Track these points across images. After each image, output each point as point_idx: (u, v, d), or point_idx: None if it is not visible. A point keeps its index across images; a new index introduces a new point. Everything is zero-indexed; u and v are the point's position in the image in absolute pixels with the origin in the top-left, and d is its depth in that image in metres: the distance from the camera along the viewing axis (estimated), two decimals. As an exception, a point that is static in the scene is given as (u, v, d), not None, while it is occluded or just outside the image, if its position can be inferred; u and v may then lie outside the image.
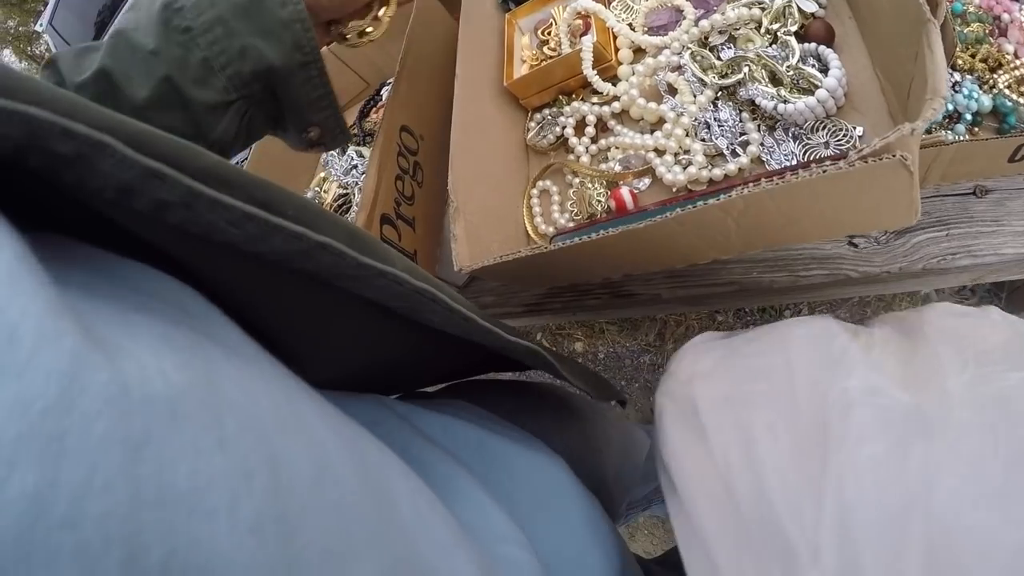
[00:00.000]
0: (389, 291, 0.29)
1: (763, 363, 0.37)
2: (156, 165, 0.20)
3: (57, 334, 0.14)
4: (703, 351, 0.40)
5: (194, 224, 0.22)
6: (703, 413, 0.36)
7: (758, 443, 0.33)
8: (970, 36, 0.60)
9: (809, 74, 0.47)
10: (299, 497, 0.19)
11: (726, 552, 0.32)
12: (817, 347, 0.36)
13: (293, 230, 0.24)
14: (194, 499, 0.15)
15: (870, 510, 0.28)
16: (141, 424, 0.15)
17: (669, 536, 1.09)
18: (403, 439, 0.34)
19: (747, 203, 0.38)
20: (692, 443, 0.36)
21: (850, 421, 0.31)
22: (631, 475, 0.67)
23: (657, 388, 0.41)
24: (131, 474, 0.14)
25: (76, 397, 0.14)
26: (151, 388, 0.16)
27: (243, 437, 0.18)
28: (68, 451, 0.13)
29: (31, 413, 0.13)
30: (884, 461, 0.29)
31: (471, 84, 0.57)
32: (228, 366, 0.20)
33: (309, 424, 0.22)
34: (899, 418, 0.31)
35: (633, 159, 0.52)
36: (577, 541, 0.39)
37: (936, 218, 0.58)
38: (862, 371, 0.33)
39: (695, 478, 0.35)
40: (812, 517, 0.29)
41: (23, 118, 0.17)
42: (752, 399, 0.35)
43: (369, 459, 0.25)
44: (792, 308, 1.00)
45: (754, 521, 0.31)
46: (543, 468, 0.41)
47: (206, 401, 0.17)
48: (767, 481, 0.31)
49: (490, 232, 0.54)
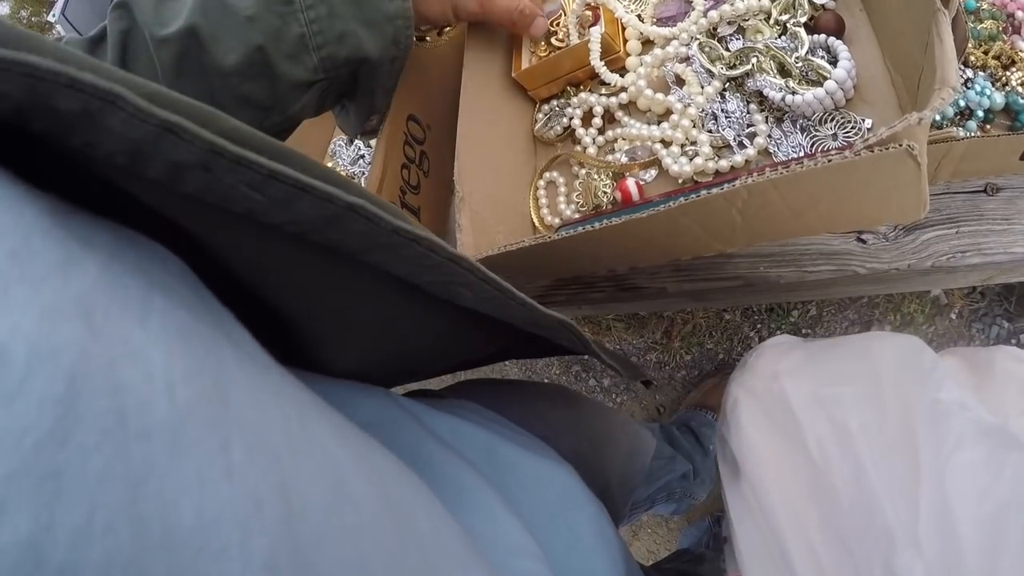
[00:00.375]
0: (421, 262, 0.26)
1: (847, 368, 0.39)
2: (172, 117, 0.18)
3: (52, 352, 0.13)
4: (784, 350, 0.43)
5: (212, 191, 0.20)
6: (795, 407, 0.38)
7: (854, 437, 0.35)
8: (983, 33, 0.59)
9: (818, 65, 0.46)
10: (313, 524, 0.17)
11: (799, 540, 0.34)
12: (904, 359, 0.38)
13: (322, 190, 0.21)
14: (202, 537, 0.14)
15: (970, 506, 0.30)
16: (142, 456, 0.14)
17: (672, 535, 1.09)
18: (414, 440, 0.33)
19: (751, 193, 0.38)
20: (774, 434, 0.39)
21: (946, 428, 0.33)
22: (636, 477, 0.67)
23: (731, 381, 0.43)
24: (133, 513, 0.13)
25: (72, 427, 0.13)
26: (153, 413, 0.14)
27: (252, 462, 0.16)
28: (64, 490, 0.12)
29: (23, 448, 0.12)
30: (982, 466, 0.31)
31: (479, 74, 0.57)
32: (240, 373, 0.18)
33: (321, 439, 0.21)
34: (992, 431, 0.33)
35: (640, 150, 0.52)
36: (584, 551, 0.39)
37: (946, 215, 0.57)
38: (952, 386, 0.36)
39: (772, 467, 0.37)
40: (909, 510, 0.31)
41: (24, 68, 0.15)
42: (841, 399, 0.37)
43: (384, 473, 0.24)
44: (800, 309, 0.99)
45: (854, 510, 0.33)
46: (552, 475, 0.41)
47: (213, 421, 0.16)
48: (867, 472, 0.33)
49: (496, 222, 0.53)
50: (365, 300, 0.30)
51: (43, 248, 0.14)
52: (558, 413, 0.55)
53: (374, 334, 0.33)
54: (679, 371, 1.06)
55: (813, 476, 0.35)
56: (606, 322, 1.08)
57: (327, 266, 0.26)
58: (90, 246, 0.16)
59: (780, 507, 0.35)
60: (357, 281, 0.28)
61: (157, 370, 0.15)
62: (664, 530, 1.09)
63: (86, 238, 0.17)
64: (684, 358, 1.06)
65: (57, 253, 0.15)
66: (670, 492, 0.97)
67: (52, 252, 0.15)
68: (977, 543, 0.29)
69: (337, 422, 0.23)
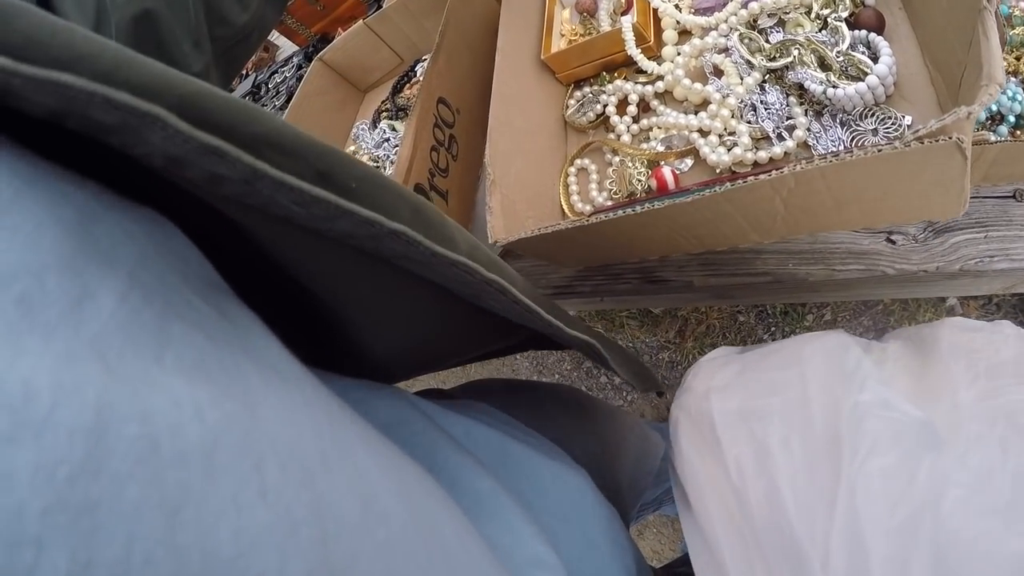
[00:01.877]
0: (457, 280, 0.27)
1: (778, 377, 0.38)
2: (214, 142, 0.17)
3: (76, 386, 0.12)
4: (719, 365, 0.41)
5: (251, 198, 0.20)
6: (718, 426, 0.37)
7: (772, 454, 0.33)
8: (1015, 39, 0.59)
9: (859, 60, 0.46)
10: (348, 542, 0.17)
11: (737, 563, 0.33)
12: (831, 361, 0.37)
13: (364, 216, 0.21)
14: (241, 565, 0.14)
15: (880, 518, 0.29)
16: (176, 483, 0.13)
17: (678, 535, 1.08)
18: (430, 443, 0.33)
19: (798, 181, 0.38)
20: (706, 456, 0.37)
21: (862, 433, 0.32)
22: (645, 480, 0.66)
23: (673, 402, 0.42)
24: (172, 544, 0.12)
25: (104, 458, 0.12)
26: (184, 438, 0.14)
27: (286, 482, 0.16)
28: (101, 524, 0.11)
29: (56, 481, 0.11)
30: (894, 472, 0.30)
31: (512, 58, 0.57)
32: (268, 389, 0.18)
33: (352, 451, 0.20)
34: (909, 431, 0.31)
35: (676, 139, 0.52)
36: (598, 556, 0.38)
37: (975, 219, 0.57)
38: (874, 385, 0.34)
39: (708, 490, 0.36)
40: (823, 525, 0.30)
41: (56, 87, 0.14)
42: (766, 412, 0.36)
43: (410, 484, 0.23)
44: (815, 313, 0.99)
45: (767, 529, 0.32)
46: (565, 479, 0.40)
47: (244, 442, 0.15)
48: (781, 490, 0.32)
49: (525, 207, 0.53)
50: (393, 295, 0.30)
51: (56, 288, 0.14)
52: (570, 416, 0.55)
53: (400, 325, 0.34)
54: (690, 371, 1.04)
55: (736, 498, 0.34)
56: (620, 319, 1.07)
57: (359, 261, 0.26)
58: (111, 266, 0.16)
59: (720, 532, 0.35)
60: (387, 278, 0.28)
61: (183, 396, 0.15)
62: (669, 530, 1.09)
63: (110, 253, 0.16)
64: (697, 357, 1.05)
65: (71, 290, 0.14)
66: (678, 492, 0.96)
67: (65, 290, 0.14)
68: (886, 556, 0.28)
69: (364, 432, 0.23)
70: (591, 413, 0.59)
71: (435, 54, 0.61)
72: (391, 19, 0.84)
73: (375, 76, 0.92)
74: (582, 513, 0.39)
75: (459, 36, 0.65)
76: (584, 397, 0.62)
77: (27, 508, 0.11)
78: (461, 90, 0.65)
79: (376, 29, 0.84)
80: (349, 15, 1.09)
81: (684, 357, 1.06)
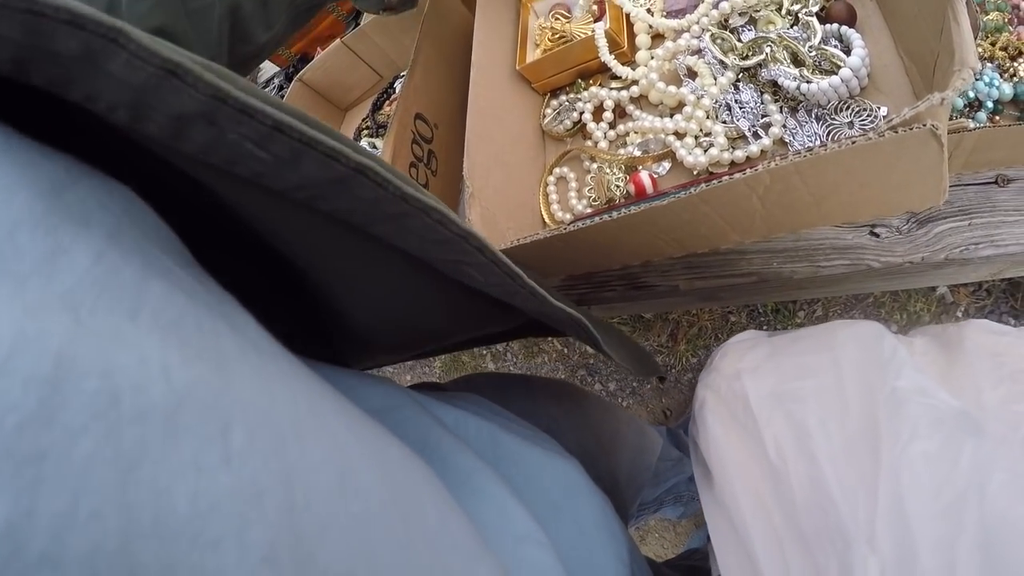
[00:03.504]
0: (429, 235, 0.25)
1: (811, 361, 0.38)
2: (175, 57, 0.17)
3: (39, 334, 0.12)
4: (748, 347, 0.42)
5: (216, 150, 0.19)
6: (754, 406, 0.37)
7: (812, 436, 0.34)
8: (990, 25, 0.60)
9: (832, 54, 0.46)
10: (318, 513, 0.17)
11: (767, 542, 0.34)
12: (865, 347, 0.37)
13: (329, 145, 0.20)
14: (196, 527, 0.13)
15: (925, 501, 0.29)
16: (133, 440, 0.13)
17: (680, 539, 1.07)
18: (422, 427, 0.32)
19: (773, 178, 0.37)
20: (737, 435, 0.38)
21: (902, 418, 0.32)
22: (643, 475, 0.66)
23: (699, 382, 0.42)
24: (122, 501, 0.12)
25: (58, 409, 0.12)
26: (147, 395, 0.14)
27: (254, 448, 0.15)
28: (47, 475, 0.11)
29: (4, 428, 0.11)
30: (937, 457, 0.30)
31: (488, 71, 0.57)
32: (242, 357, 0.18)
33: (329, 424, 0.20)
34: (949, 417, 0.32)
35: (652, 143, 0.52)
36: (590, 544, 0.38)
37: (958, 207, 0.57)
38: (910, 372, 0.34)
39: (736, 468, 0.36)
40: (867, 507, 0.30)
41: (22, 3, 0.14)
42: (802, 395, 0.36)
43: (392, 462, 0.23)
44: (806, 309, 0.99)
45: (809, 508, 0.32)
46: (557, 468, 0.40)
47: (212, 405, 0.15)
48: (824, 471, 0.32)
49: (506, 218, 0.53)
50: (374, 270, 0.29)
51: (29, 243, 0.14)
52: (563, 408, 0.55)
53: (384, 298, 0.32)
54: (685, 374, 1.05)
55: (772, 477, 0.34)
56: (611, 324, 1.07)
57: (335, 232, 0.25)
58: (86, 228, 0.16)
59: (747, 510, 0.35)
60: (365, 252, 0.27)
61: (152, 354, 0.14)
62: (672, 534, 1.08)
63: (84, 217, 0.16)
64: (690, 360, 1.05)
65: (44, 246, 0.14)
66: (677, 495, 0.96)
67: (38, 246, 0.14)
68: (933, 538, 0.28)
69: (346, 408, 0.22)
70: (583, 405, 0.59)
71: (411, 70, 0.61)
72: (368, 36, 0.84)
73: (355, 94, 0.92)
74: (573, 501, 0.39)
75: (435, 50, 0.65)
76: (576, 390, 0.62)
77: None
78: (439, 104, 0.65)
79: (354, 47, 0.84)
80: (328, 34, 1.09)
81: (678, 360, 1.06)
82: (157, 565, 0.12)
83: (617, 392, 1.12)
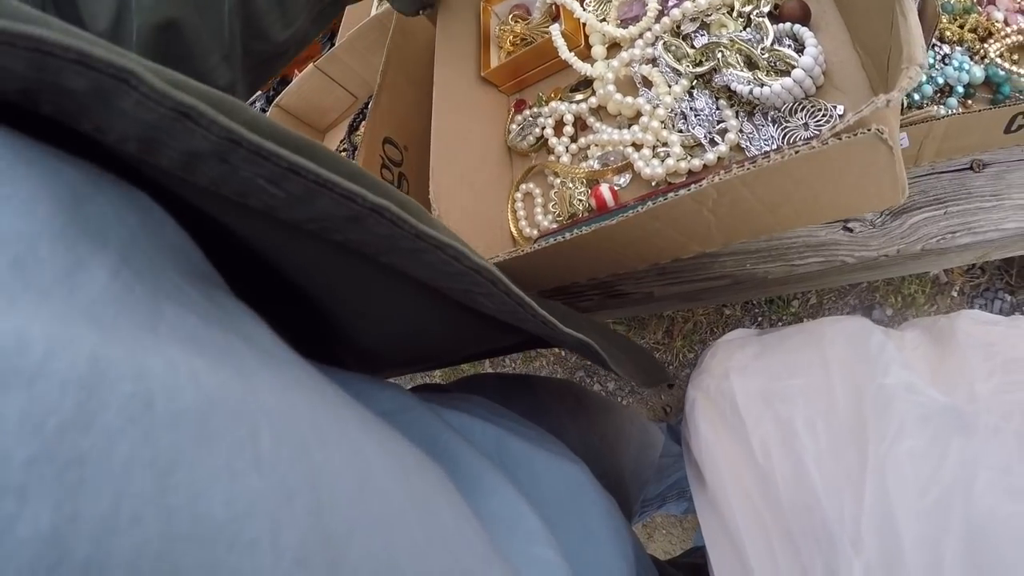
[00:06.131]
0: (442, 269, 0.25)
1: (799, 359, 0.38)
2: (188, 100, 0.17)
3: (72, 339, 0.12)
4: (737, 347, 0.42)
5: (228, 184, 0.19)
6: (741, 407, 0.37)
7: (798, 435, 0.34)
8: (957, 6, 0.58)
9: (785, 55, 0.46)
10: (343, 515, 0.17)
11: (757, 543, 0.34)
12: (853, 344, 0.37)
13: (344, 187, 0.20)
14: (233, 530, 0.13)
15: (911, 500, 0.29)
16: (169, 444, 0.13)
17: (687, 535, 1.07)
18: (432, 429, 0.32)
19: (720, 192, 0.37)
20: (727, 436, 0.38)
21: (889, 416, 0.32)
22: (647, 471, 0.66)
23: (689, 382, 0.42)
24: (161, 504, 0.12)
25: (96, 412, 0.12)
26: (180, 400, 0.14)
27: (281, 452, 0.16)
28: (89, 479, 0.11)
29: (45, 431, 0.11)
30: (923, 454, 0.30)
31: (452, 81, 0.56)
32: (261, 366, 0.18)
33: (348, 428, 0.20)
34: (935, 414, 0.31)
35: (612, 155, 0.51)
36: (597, 545, 0.38)
37: (933, 196, 0.56)
38: (898, 369, 0.34)
39: (726, 468, 0.36)
40: (853, 507, 0.30)
41: (30, 42, 0.14)
42: (789, 394, 0.36)
43: (407, 465, 0.23)
44: (800, 298, 0.98)
45: (794, 509, 0.32)
46: (563, 469, 0.40)
47: (240, 410, 0.15)
48: (808, 470, 0.32)
49: (475, 238, 0.53)
50: (384, 294, 0.29)
51: (49, 256, 0.14)
52: (566, 407, 0.55)
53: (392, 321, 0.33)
54: (683, 370, 1.05)
55: (760, 478, 0.34)
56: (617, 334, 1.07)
57: (344, 260, 0.25)
58: (103, 243, 0.16)
59: (738, 511, 0.35)
60: (374, 277, 0.27)
61: (179, 360, 0.14)
62: (679, 530, 1.08)
63: (101, 232, 0.16)
64: (687, 356, 1.05)
65: (65, 260, 0.14)
66: (681, 490, 0.96)
67: (59, 259, 0.14)
68: (918, 536, 0.28)
69: (359, 412, 0.23)
70: (586, 404, 0.59)
71: (377, 94, 0.61)
72: (340, 59, 0.84)
73: (331, 116, 0.92)
74: (580, 503, 0.39)
75: (401, 71, 0.65)
76: (579, 389, 0.62)
77: (12, 457, 0.10)
78: (407, 127, 0.65)
79: (327, 70, 0.85)
80: (306, 56, 1.09)
81: (675, 356, 1.05)
82: (198, 568, 0.12)
83: (616, 391, 1.11)
